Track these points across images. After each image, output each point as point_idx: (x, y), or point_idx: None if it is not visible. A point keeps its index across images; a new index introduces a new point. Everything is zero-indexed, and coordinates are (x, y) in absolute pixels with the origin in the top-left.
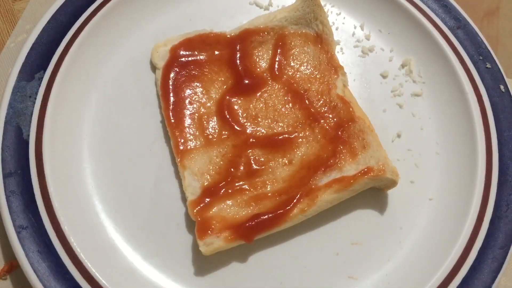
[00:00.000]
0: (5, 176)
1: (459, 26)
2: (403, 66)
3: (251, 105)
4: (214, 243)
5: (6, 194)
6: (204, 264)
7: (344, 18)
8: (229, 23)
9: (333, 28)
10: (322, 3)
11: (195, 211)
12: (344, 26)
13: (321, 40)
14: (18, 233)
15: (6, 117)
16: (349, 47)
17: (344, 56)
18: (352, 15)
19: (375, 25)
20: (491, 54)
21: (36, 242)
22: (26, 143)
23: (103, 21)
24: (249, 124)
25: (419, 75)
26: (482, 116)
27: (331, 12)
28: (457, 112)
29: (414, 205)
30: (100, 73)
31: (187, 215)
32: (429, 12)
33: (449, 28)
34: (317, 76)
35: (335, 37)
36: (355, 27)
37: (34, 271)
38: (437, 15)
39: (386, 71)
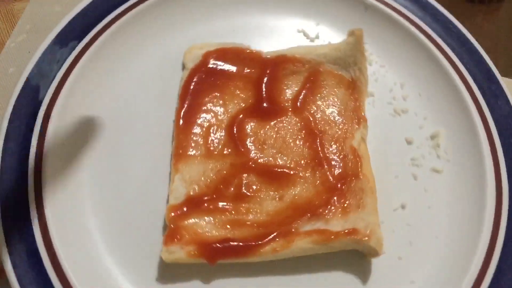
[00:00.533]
0: (6, 140)
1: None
2: (432, 137)
3: (262, 130)
4: (176, 252)
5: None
6: (168, 272)
7: (386, 71)
8: (270, 44)
9: (372, 79)
10: (369, 51)
11: (171, 215)
12: (384, 80)
13: (354, 86)
14: None
15: (29, 75)
16: (383, 102)
17: (374, 109)
18: (395, 71)
19: (416, 87)
20: None
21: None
22: (39, 104)
23: (150, 10)
24: (253, 148)
25: (445, 151)
26: (495, 211)
27: (376, 62)
28: (472, 202)
29: (395, 283)
30: (131, 59)
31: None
32: (475, 91)
33: (491, 111)
34: (338, 121)
35: (372, 88)
36: (395, 84)
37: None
38: (484, 96)
39: (412, 137)
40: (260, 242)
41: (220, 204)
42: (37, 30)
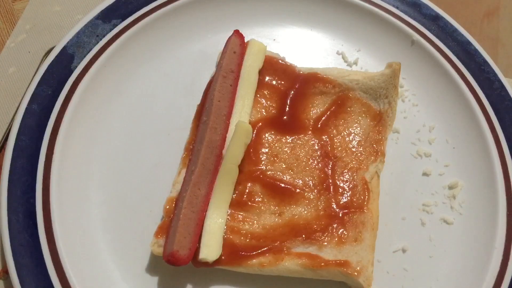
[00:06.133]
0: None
1: None
2: (449, 187)
3: (277, 144)
4: (163, 247)
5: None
6: (158, 267)
7: (418, 111)
8: (306, 60)
9: (401, 116)
10: (405, 87)
11: (167, 207)
12: (414, 119)
13: (380, 119)
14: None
15: (68, 43)
16: (407, 141)
17: (396, 146)
18: (427, 112)
19: (444, 134)
20: None
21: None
22: (70, 72)
23: (195, 4)
24: (265, 159)
25: (460, 204)
26: (498, 274)
27: (409, 100)
28: (476, 262)
29: None
30: (169, 48)
31: None
32: (505, 151)
33: None
34: (356, 150)
35: (399, 125)
36: (423, 126)
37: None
38: None
39: (428, 183)
40: (248, 254)
41: None
42: (37, 30)
